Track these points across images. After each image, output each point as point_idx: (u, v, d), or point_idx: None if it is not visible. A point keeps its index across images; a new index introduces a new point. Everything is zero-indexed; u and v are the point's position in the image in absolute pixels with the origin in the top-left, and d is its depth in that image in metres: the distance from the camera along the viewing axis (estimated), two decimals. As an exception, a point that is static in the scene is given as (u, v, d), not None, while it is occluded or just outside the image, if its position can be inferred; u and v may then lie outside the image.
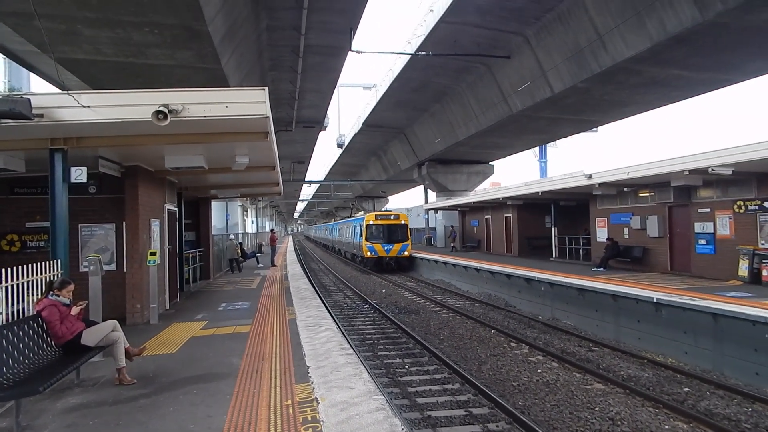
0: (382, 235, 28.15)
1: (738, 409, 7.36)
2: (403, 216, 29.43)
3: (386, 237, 28.04)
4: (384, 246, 27.76)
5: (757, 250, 12.84)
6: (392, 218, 28.98)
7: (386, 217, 29.12)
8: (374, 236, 28.19)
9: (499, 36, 16.10)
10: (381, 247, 27.74)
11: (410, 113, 26.86)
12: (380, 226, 28.37)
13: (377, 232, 28.31)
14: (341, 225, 42.96)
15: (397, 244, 27.93)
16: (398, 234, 28.33)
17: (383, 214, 30.09)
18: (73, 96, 6.36)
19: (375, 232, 28.33)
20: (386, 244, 27.80)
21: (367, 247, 27.89)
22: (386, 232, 28.15)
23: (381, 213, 30.67)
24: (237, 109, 6.56)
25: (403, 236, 28.34)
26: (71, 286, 5.85)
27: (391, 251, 27.80)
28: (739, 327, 8.83)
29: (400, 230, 28.48)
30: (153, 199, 10.67)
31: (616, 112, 19.41)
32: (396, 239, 28.09)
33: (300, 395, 5.17)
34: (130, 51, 12.37)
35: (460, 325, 13.34)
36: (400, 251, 27.94)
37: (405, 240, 28.30)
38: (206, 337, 8.20)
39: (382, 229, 28.25)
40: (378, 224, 28.42)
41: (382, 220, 28.64)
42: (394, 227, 28.44)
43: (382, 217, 29.09)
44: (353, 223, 33.87)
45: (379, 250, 27.75)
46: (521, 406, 7.49)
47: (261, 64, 17.61)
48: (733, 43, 11.95)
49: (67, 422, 4.66)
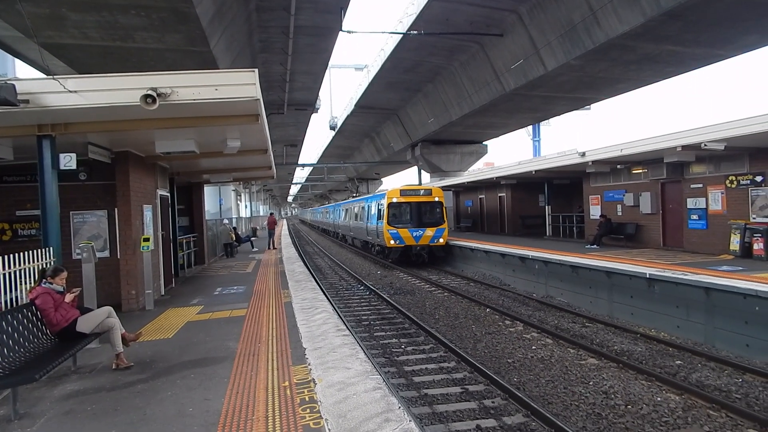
0: (409, 216, 21.54)
1: (729, 380, 7.50)
2: (436, 191, 22.37)
3: (416, 219, 21.44)
4: (413, 232, 21.05)
5: (748, 224, 12.95)
6: (422, 194, 22.04)
7: (415, 193, 22.03)
8: (399, 219, 21.56)
9: (492, 14, 15.90)
10: (408, 234, 20.99)
11: (403, 94, 26.62)
12: (407, 204, 21.62)
13: (403, 213, 21.69)
14: (348, 205, 34.14)
15: (429, 228, 21.21)
16: (432, 215, 21.77)
17: (410, 188, 22.62)
18: (59, 81, 6.25)
19: (400, 213, 21.69)
20: (415, 229, 21.11)
21: (390, 234, 21.04)
22: (416, 213, 21.53)
23: (408, 187, 22.79)
24: (227, 92, 6.47)
25: (438, 218, 21.69)
26: (64, 273, 5.83)
27: (422, 238, 21.08)
28: (730, 300, 8.94)
29: (434, 210, 21.85)
30: (145, 185, 10.59)
31: (609, 89, 19.33)
32: (429, 222, 21.47)
33: (297, 377, 5.20)
34: (117, 35, 12.14)
35: (456, 304, 13.44)
36: (434, 238, 21.19)
37: (440, 223, 21.53)
38: (202, 322, 8.22)
39: (410, 208, 21.58)
40: (404, 202, 21.61)
41: (409, 197, 21.71)
42: (426, 206, 21.82)
43: (410, 193, 21.96)
44: (366, 203, 26.36)
45: (405, 238, 21.00)
46: (516, 382, 7.59)
47: (251, 46, 17.35)
48: (726, 17, 11.86)
49: (65, 409, 4.68)
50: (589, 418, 6.30)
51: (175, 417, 4.37)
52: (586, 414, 6.43)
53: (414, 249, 21.22)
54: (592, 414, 6.42)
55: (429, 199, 21.91)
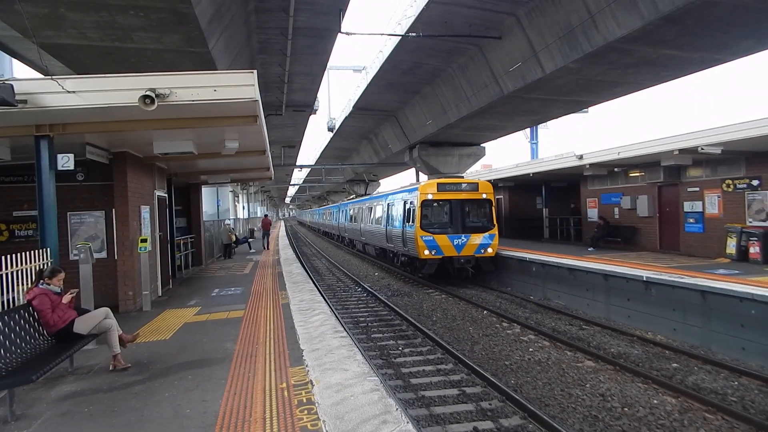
0: (449, 218, 16.73)
1: (725, 383, 7.53)
2: (484, 185, 17.29)
3: (458, 222, 16.60)
4: (454, 239, 16.25)
5: (744, 228, 13.00)
6: (466, 188, 17.00)
7: (455, 187, 16.93)
8: (435, 221, 16.72)
9: (491, 16, 15.92)
10: (448, 242, 16.16)
11: (401, 96, 26.61)
12: (446, 203, 16.80)
13: (441, 214, 16.89)
14: (358, 205, 28.45)
15: (476, 234, 16.47)
16: (478, 216, 17.02)
17: (450, 181, 17.44)
18: (58, 81, 6.25)
19: (437, 214, 16.88)
20: (458, 236, 16.32)
21: (424, 242, 16.08)
22: (458, 214, 16.65)
23: (447, 180, 17.61)
24: (225, 93, 6.48)
25: (487, 220, 16.88)
26: (61, 274, 5.82)
27: (466, 247, 16.32)
28: (726, 304, 8.97)
29: (482, 209, 17.06)
30: (142, 186, 10.58)
31: (607, 93, 19.35)
32: (474, 226, 16.73)
33: (295, 378, 5.20)
34: (115, 35, 12.11)
35: (453, 306, 13.44)
36: (481, 247, 16.41)
37: (489, 227, 16.72)
38: (200, 323, 8.20)
39: (451, 208, 16.76)
40: (442, 199, 16.77)
41: (449, 193, 16.78)
42: (472, 205, 17.02)
43: (449, 187, 16.90)
44: (386, 200, 21.15)
45: (444, 247, 16.15)
46: (513, 384, 7.60)
47: (250, 47, 17.34)
48: (724, 22, 11.90)
49: (62, 410, 4.67)
50: (586, 421, 6.32)
51: (172, 418, 4.37)
52: (583, 416, 6.44)
53: (456, 262, 16.21)
54: (589, 416, 6.43)
55: (475, 195, 16.90)
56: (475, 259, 16.45)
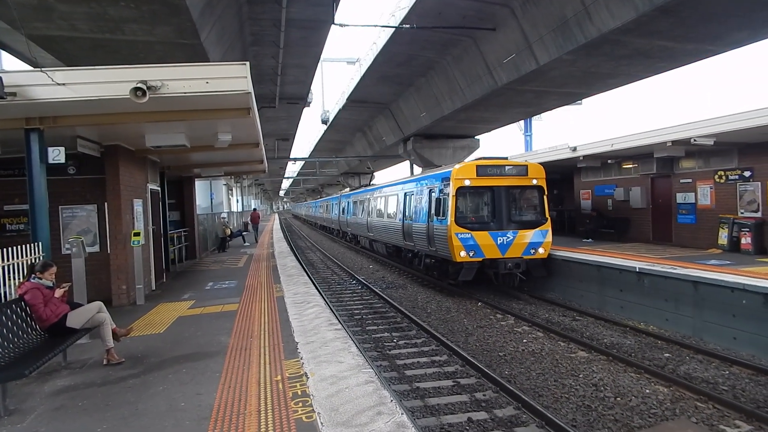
0: (492, 210, 13.24)
1: (716, 372, 7.61)
2: (534, 168, 13.69)
3: (503, 215, 13.12)
4: (497, 236, 12.90)
5: (736, 218, 13.10)
6: (511, 171, 13.38)
7: (498, 171, 13.29)
8: (473, 214, 13.44)
9: (485, 7, 15.86)
10: (490, 240, 12.85)
11: (395, 88, 26.53)
12: (488, 190, 13.28)
13: (481, 205, 13.53)
14: (364, 196, 24.71)
15: (524, 230, 13.15)
16: (528, 208, 13.79)
17: (492, 163, 13.54)
18: (47, 73, 6.18)
19: (476, 205, 13.57)
20: (502, 232, 12.97)
21: (460, 240, 12.71)
22: (502, 205, 13.15)
23: (488, 162, 13.63)
24: (218, 85, 6.43)
25: (538, 213, 13.58)
26: (53, 268, 5.78)
27: (512, 247, 12.97)
28: (718, 294, 9.05)
29: (532, 199, 13.77)
30: (135, 179, 10.51)
31: (601, 84, 19.37)
32: (523, 220, 13.45)
33: (290, 371, 5.21)
34: (106, 27, 11.98)
35: (447, 298, 13.49)
36: (531, 246, 13.12)
37: (541, 221, 13.45)
38: (194, 317, 8.19)
39: (493, 197, 13.22)
40: (483, 186, 13.23)
41: (492, 178, 13.21)
42: (519, 193, 13.70)
43: (491, 171, 13.26)
44: (402, 190, 17.73)
45: (485, 247, 12.81)
46: (507, 375, 7.65)
47: (242, 39, 17.19)
48: (717, 13, 11.91)
49: (56, 405, 4.65)
50: (579, 410, 6.37)
51: (167, 412, 4.36)
52: (576, 406, 6.50)
53: (502, 266, 12.78)
54: (582, 406, 6.49)
55: (523, 181, 13.45)
56: (525, 262, 12.96)
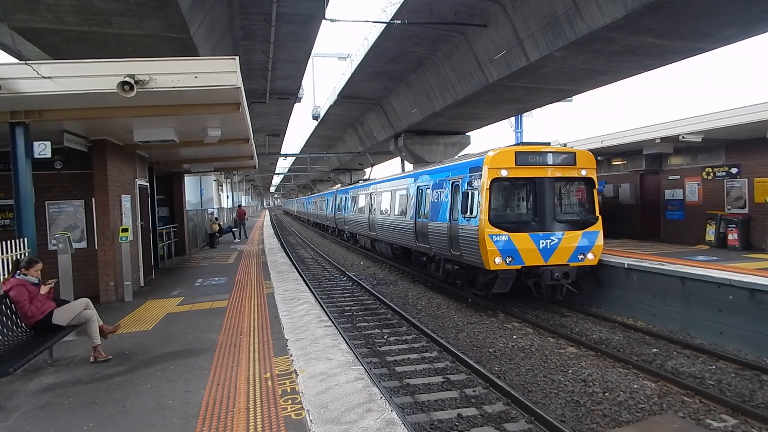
0: (533, 207, 11.02)
1: (703, 367, 7.69)
2: (584, 156, 11.36)
3: (546, 213, 10.88)
4: (540, 239, 10.70)
5: (723, 215, 13.24)
6: (556, 159, 11.07)
7: (541, 158, 11.00)
8: (511, 212, 11.32)
9: (476, 3, 15.85)
10: (531, 243, 10.64)
11: (386, 84, 26.47)
12: (530, 183, 11.06)
13: (520, 201, 11.38)
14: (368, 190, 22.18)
15: (571, 232, 10.92)
16: (575, 203, 11.58)
17: (533, 149, 11.10)
18: (32, 66, 6.08)
19: (512, 200, 11.44)
20: (545, 234, 10.75)
21: (494, 243, 10.50)
22: (546, 200, 10.93)
23: (528, 148, 11.17)
24: (207, 80, 6.37)
25: (587, 209, 11.38)
26: (39, 264, 5.71)
27: (558, 252, 10.76)
28: (705, 289, 9.15)
29: (581, 192, 11.53)
30: (123, 174, 10.40)
31: (591, 81, 19.46)
32: (569, 219, 11.25)
33: (279, 368, 5.19)
34: (93, 20, 11.81)
35: (438, 295, 13.51)
36: (579, 251, 10.88)
37: (591, 220, 11.21)
38: (183, 313, 8.13)
39: (536, 189, 10.98)
40: (524, 177, 11.01)
41: (533, 168, 10.95)
42: (566, 185, 11.50)
43: (533, 158, 10.96)
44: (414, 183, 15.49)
45: (525, 251, 10.62)
46: (497, 371, 7.68)
47: (232, 34, 17.04)
48: (706, 10, 11.99)
49: (41, 402, 4.59)
50: (568, 406, 6.41)
51: (154, 409, 4.33)
52: (565, 401, 6.54)
53: (547, 275, 10.50)
54: (571, 401, 6.53)
55: (570, 171, 11.13)
56: (575, 271, 10.77)
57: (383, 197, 19.36)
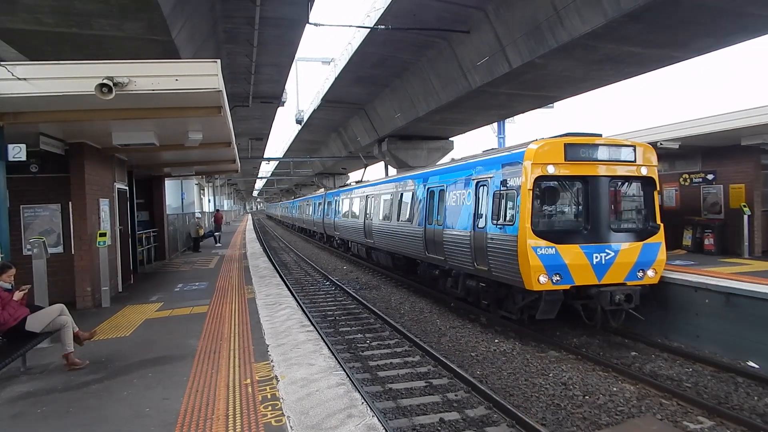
0: (585, 211, 8.93)
1: (680, 369, 7.83)
2: (645, 151, 9.29)
3: (599, 220, 8.81)
4: (592, 251, 8.60)
5: (700, 220, 13.52)
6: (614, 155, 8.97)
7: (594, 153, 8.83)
8: (557, 219, 9.30)
9: (460, 10, 15.99)
10: (583, 257, 8.53)
11: (370, 89, 26.52)
12: (582, 182, 8.93)
13: (568, 206, 9.42)
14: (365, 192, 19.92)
15: (629, 244, 8.94)
16: (634, 207, 9.77)
17: (586, 141, 8.88)
18: (7, 68, 5.95)
19: (559, 204, 9.38)
20: (599, 246, 8.66)
21: (538, 257, 8.35)
22: (599, 204, 8.83)
23: (580, 140, 8.86)
24: (188, 83, 6.31)
25: (646, 216, 9.55)
26: (12, 270, 5.57)
27: (614, 268, 8.71)
28: (682, 293, 9.30)
29: (640, 195, 9.62)
30: (101, 178, 10.24)
31: (572, 88, 19.76)
32: (627, 227, 9.48)
33: (259, 374, 5.14)
34: (73, 21, 11.62)
35: (421, 299, 13.52)
36: (638, 267, 8.92)
37: (652, 229, 9.37)
38: (162, 319, 8.01)
39: (588, 191, 8.87)
40: (574, 176, 8.89)
41: (585, 165, 8.78)
42: (623, 186, 9.58)
43: (586, 153, 8.79)
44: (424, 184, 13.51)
45: (576, 268, 8.50)
46: (479, 375, 7.70)
47: (215, 37, 16.91)
48: (683, 20, 12.28)
49: (13, 411, 4.48)
50: (549, 409, 6.46)
51: (131, 417, 4.25)
52: (546, 405, 6.58)
53: (606, 298, 8.54)
54: (552, 405, 6.58)
55: (629, 169, 9.25)
56: (637, 292, 8.79)
57: (382, 200, 17.14)
